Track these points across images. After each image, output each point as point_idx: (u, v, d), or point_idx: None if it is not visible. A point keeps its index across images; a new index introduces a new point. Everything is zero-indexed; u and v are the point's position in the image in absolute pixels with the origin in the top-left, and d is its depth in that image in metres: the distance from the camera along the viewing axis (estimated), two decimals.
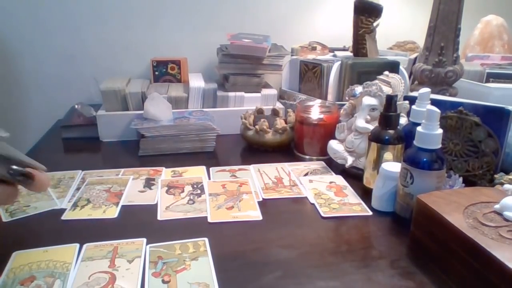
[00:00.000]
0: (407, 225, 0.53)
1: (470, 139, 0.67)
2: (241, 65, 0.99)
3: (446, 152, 0.69)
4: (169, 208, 0.62)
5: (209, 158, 0.84)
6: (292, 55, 1.11)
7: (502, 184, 0.61)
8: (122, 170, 0.76)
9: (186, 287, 0.44)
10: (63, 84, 1.16)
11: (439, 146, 0.53)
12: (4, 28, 1.09)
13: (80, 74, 1.16)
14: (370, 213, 0.61)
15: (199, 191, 0.67)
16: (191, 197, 0.65)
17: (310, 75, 1.01)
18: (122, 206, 0.63)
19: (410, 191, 0.55)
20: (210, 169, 0.76)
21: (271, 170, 0.76)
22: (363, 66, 0.91)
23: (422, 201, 0.49)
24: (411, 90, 0.91)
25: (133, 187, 0.69)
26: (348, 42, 1.14)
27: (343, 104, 0.77)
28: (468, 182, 0.64)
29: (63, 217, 0.59)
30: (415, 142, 0.54)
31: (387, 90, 0.71)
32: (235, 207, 0.62)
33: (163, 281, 0.45)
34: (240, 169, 0.77)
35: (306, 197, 0.66)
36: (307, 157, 0.83)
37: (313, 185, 0.70)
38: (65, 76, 1.16)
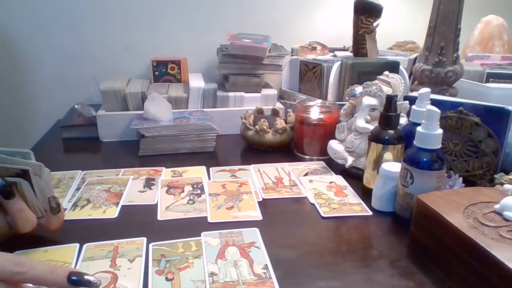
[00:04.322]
0: (407, 225, 0.53)
1: (470, 139, 0.67)
2: (241, 65, 0.99)
3: (446, 152, 0.69)
4: (169, 208, 0.62)
5: (209, 158, 0.84)
6: (292, 55, 1.11)
7: (502, 184, 0.61)
8: (122, 170, 0.76)
9: (190, 284, 0.45)
10: (63, 84, 1.16)
11: (439, 146, 0.53)
12: (5, 29, 1.09)
13: (80, 74, 1.16)
14: (370, 213, 0.61)
15: (199, 191, 0.67)
16: (191, 197, 0.65)
17: (310, 75, 1.01)
18: (122, 206, 0.63)
19: (410, 191, 0.55)
20: (210, 169, 0.76)
21: (271, 170, 0.76)
22: (363, 66, 0.91)
23: (422, 201, 0.49)
24: (411, 90, 0.91)
25: (133, 187, 0.69)
26: (348, 42, 1.14)
27: (343, 104, 0.77)
28: (468, 182, 0.64)
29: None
30: (415, 142, 0.54)
31: (387, 90, 0.71)
32: (235, 207, 0.62)
33: (167, 279, 0.45)
34: (240, 169, 0.77)
35: (306, 197, 0.66)
36: (307, 157, 0.82)
37: (313, 185, 0.70)
38: (65, 76, 1.16)
